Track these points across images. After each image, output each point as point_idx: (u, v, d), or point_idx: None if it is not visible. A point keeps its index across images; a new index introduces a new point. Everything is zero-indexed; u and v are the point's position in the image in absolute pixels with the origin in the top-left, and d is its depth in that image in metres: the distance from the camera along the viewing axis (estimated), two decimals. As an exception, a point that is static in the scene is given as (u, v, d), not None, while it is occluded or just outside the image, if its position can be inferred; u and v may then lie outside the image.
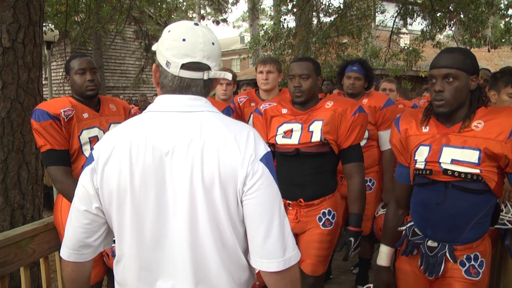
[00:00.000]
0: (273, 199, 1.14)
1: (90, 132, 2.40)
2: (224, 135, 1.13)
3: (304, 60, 2.37)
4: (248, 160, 1.12)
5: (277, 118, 2.42)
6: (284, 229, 1.15)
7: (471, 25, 8.53)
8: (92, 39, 12.42)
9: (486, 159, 1.63)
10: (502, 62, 15.00)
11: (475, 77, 1.69)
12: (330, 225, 2.36)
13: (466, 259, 1.76)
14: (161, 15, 9.70)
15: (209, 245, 1.14)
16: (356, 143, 2.33)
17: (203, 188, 1.11)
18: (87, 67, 2.42)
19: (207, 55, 1.18)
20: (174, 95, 1.19)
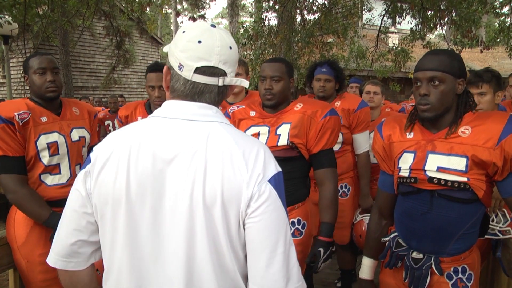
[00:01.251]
0: (280, 225, 1.11)
1: (48, 137, 2.34)
2: (231, 150, 1.11)
3: (277, 61, 2.37)
4: (255, 180, 1.09)
5: (245, 121, 2.44)
6: (290, 258, 1.12)
7: (463, 24, 8.69)
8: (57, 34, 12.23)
9: (474, 166, 1.65)
10: (496, 63, 15.34)
11: (462, 80, 1.72)
12: (300, 235, 2.36)
13: (454, 272, 1.78)
14: (133, 9, 9.61)
15: (206, 267, 1.11)
16: (327, 148, 2.33)
17: (203, 205, 1.08)
18: (48, 66, 2.37)
19: (223, 60, 1.16)
20: (183, 102, 1.17)
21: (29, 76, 2.39)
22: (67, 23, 8.89)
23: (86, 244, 1.22)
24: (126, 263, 1.15)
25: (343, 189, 3.27)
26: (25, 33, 8.03)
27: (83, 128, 2.56)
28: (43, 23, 8.16)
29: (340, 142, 3.19)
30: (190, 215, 1.09)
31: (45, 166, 2.33)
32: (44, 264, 2.22)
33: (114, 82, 14.51)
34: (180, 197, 1.09)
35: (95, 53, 16.44)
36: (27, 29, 8.64)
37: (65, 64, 13.02)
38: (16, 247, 2.30)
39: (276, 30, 9.07)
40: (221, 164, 1.09)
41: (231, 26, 14.80)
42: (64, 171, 2.41)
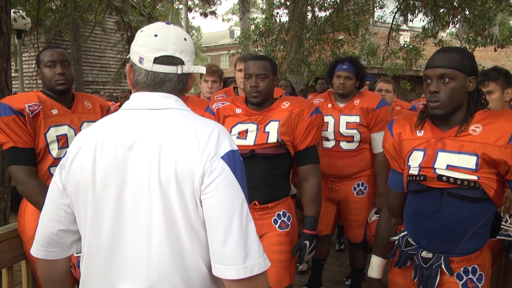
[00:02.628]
0: (233, 200, 1.14)
1: (58, 129, 2.37)
2: (185, 131, 1.17)
3: (261, 59, 2.42)
4: (206, 157, 1.13)
5: (231, 118, 2.46)
6: (248, 234, 1.14)
7: (477, 22, 8.58)
8: (69, 29, 12.31)
9: (484, 165, 1.64)
10: (510, 62, 15.19)
11: (473, 78, 1.71)
12: (287, 227, 2.44)
13: (464, 272, 1.77)
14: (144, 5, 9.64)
15: (163, 247, 1.15)
16: (312, 145, 2.42)
17: (159, 186, 1.14)
18: (58, 59, 2.39)
19: (179, 49, 1.26)
20: (146, 93, 1.26)
21: (40, 70, 2.42)
22: (79, 18, 8.94)
23: (66, 233, 1.31)
24: (93, 247, 1.23)
25: (360, 187, 3.26)
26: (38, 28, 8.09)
27: (94, 121, 2.57)
28: (55, 18, 8.21)
29: (357, 141, 3.19)
30: (148, 198, 1.15)
31: (54, 158, 2.34)
32: None
33: (124, 77, 14.60)
34: (139, 181, 1.16)
35: (106, 48, 16.54)
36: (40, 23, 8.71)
37: (76, 59, 13.13)
38: (26, 239, 2.32)
39: (287, 27, 9.03)
40: (175, 145, 1.14)
41: (242, 23, 14.81)
42: None
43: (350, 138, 3.18)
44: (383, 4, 10.09)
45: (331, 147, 3.25)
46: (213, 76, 3.70)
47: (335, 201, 3.35)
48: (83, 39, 13.56)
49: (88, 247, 1.24)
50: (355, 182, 3.25)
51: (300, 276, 3.96)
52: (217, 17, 32.55)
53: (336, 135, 3.20)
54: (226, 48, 26.13)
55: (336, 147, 3.22)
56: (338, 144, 3.21)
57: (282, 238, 2.40)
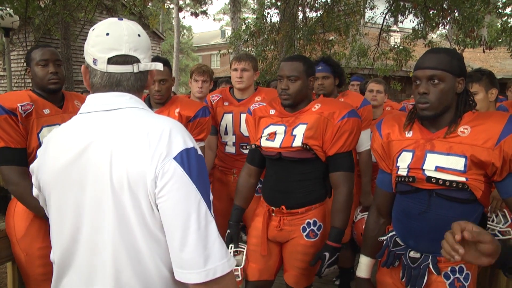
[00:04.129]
0: (188, 202, 1.09)
1: (51, 129, 2.32)
2: (136, 132, 1.13)
3: (294, 60, 2.33)
4: (157, 158, 1.09)
5: (265, 119, 2.42)
6: (207, 235, 1.10)
7: (466, 24, 8.67)
8: (58, 27, 12.21)
9: (473, 166, 1.65)
10: (498, 63, 15.32)
11: (462, 79, 1.71)
12: (315, 237, 2.33)
13: (451, 271, 1.78)
14: (135, 4, 9.59)
15: (120, 254, 1.13)
16: (344, 151, 2.27)
17: (112, 192, 1.11)
18: (50, 58, 2.37)
19: (133, 47, 1.21)
20: (98, 94, 1.23)
21: (31, 68, 2.39)
22: (69, 17, 8.87)
23: None
24: (57, 248, 1.24)
25: None
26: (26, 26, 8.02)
27: None
28: (44, 16, 8.14)
29: None
30: (102, 203, 1.13)
31: None
32: (43, 258, 2.24)
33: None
34: (93, 187, 1.14)
35: (96, 47, 16.41)
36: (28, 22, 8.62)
37: (66, 58, 12.99)
38: (15, 240, 2.30)
39: (278, 27, 9.05)
40: (125, 149, 1.11)
41: (233, 22, 14.78)
42: None
43: None
44: (374, 5, 10.16)
45: None
46: (203, 75, 3.68)
47: None
48: (73, 38, 13.45)
49: (54, 247, 1.26)
50: None
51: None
52: (208, 17, 32.50)
53: None
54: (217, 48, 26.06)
55: None
56: None
57: (307, 248, 2.32)
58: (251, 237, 2.47)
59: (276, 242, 2.42)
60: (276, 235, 2.38)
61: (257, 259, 2.42)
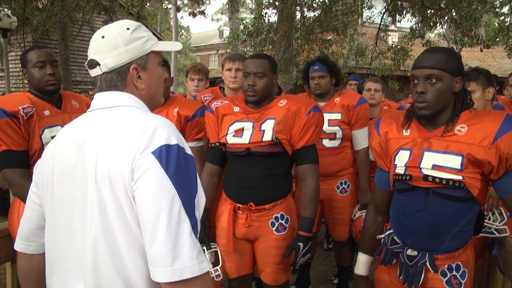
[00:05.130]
0: (160, 197, 1.07)
1: (52, 130, 2.35)
2: (124, 129, 1.15)
3: (260, 57, 2.42)
4: (136, 151, 1.09)
5: (229, 117, 2.45)
6: (178, 234, 1.06)
7: (463, 23, 8.70)
8: (56, 28, 12.20)
9: (469, 165, 1.66)
10: (496, 62, 15.34)
11: (459, 78, 1.73)
12: (284, 230, 2.40)
13: (448, 269, 1.80)
14: (133, 4, 9.59)
15: (103, 249, 1.13)
16: (310, 144, 2.38)
17: (95, 186, 1.13)
18: (47, 59, 2.37)
19: (94, 50, 1.27)
20: (98, 93, 1.29)
21: (27, 70, 2.39)
22: (67, 17, 8.86)
23: (40, 229, 1.34)
24: (50, 244, 1.27)
25: (343, 185, 3.29)
26: (24, 27, 8.00)
27: None
28: (42, 17, 8.13)
29: (339, 138, 3.22)
30: (89, 197, 1.15)
31: None
32: None
33: (113, 77, 14.45)
34: (83, 181, 1.16)
35: (94, 47, 16.38)
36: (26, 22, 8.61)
37: (64, 58, 12.97)
38: None
39: (276, 27, 9.03)
40: (110, 144, 1.13)
41: (231, 22, 14.79)
42: None
43: (332, 135, 3.21)
44: (371, 5, 10.15)
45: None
46: (198, 74, 3.68)
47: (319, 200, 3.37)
48: (71, 39, 13.44)
49: (47, 242, 1.28)
50: (338, 180, 3.28)
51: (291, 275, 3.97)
52: (206, 17, 32.54)
53: None
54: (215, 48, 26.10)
55: (319, 145, 3.22)
56: (321, 142, 3.22)
57: (279, 242, 2.38)
58: (219, 237, 2.50)
59: (247, 240, 2.45)
60: (245, 232, 2.41)
61: (231, 258, 2.47)
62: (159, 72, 1.36)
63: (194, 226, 1.10)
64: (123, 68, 1.27)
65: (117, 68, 1.26)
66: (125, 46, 1.26)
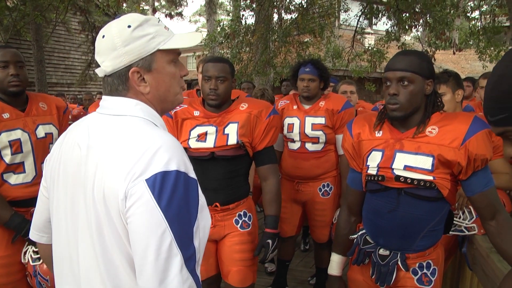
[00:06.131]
0: (149, 231, 0.99)
1: (10, 134, 2.24)
2: (124, 145, 1.07)
3: (221, 61, 2.41)
4: (130, 177, 1.01)
5: (189, 121, 2.44)
6: (166, 269, 0.99)
7: (437, 26, 8.89)
8: (30, 28, 11.96)
9: (440, 165, 1.70)
10: (469, 65, 15.71)
11: (430, 81, 1.76)
12: (248, 227, 2.47)
13: (419, 267, 1.83)
14: (109, 5, 9.47)
15: (92, 260, 1.09)
16: (270, 145, 2.45)
17: (92, 200, 1.07)
18: (11, 60, 2.26)
19: (97, 51, 1.20)
20: (107, 96, 1.21)
21: None
22: (40, 17, 8.68)
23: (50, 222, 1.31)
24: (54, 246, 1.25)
25: (325, 188, 3.30)
26: (-6, 27, 7.82)
27: (50, 124, 2.46)
28: (12, 17, 7.94)
29: (322, 142, 3.22)
30: (87, 209, 1.10)
31: (7, 164, 2.23)
32: (5, 267, 2.18)
33: (89, 79, 14.30)
34: (83, 190, 1.11)
35: (70, 49, 16.12)
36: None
37: (38, 60, 12.72)
38: None
39: (253, 29, 9.07)
40: (109, 161, 1.06)
41: (209, 24, 14.74)
42: (29, 169, 2.31)
43: (315, 139, 3.21)
44: (348, 8, 10.28)
45: (297, 148, 3.27)
46: None
47: (301, 202, 3.38)
48: (45, 39, 13.20)
49: (56, 249, 1.24)
50: (320, 183, 3.29)
51: (268, 277, 3.98)
52: (184, 19, 32.35)
53: (301, 137, 3.22)
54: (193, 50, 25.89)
55: (301, 149, 3.25)
56: (304, 146, 3.23)
57: (244, 237, 2.43)
58: None
59: (211, 241, 2.46)
60: (210, 233, 2.40)
61: None
62: (170, 71, 1.22)
63: (190, 257, 1.03)
64: (123, 72, 1.16)
65: (117, 72, 1.17)
66: (124, 48, 1.14)
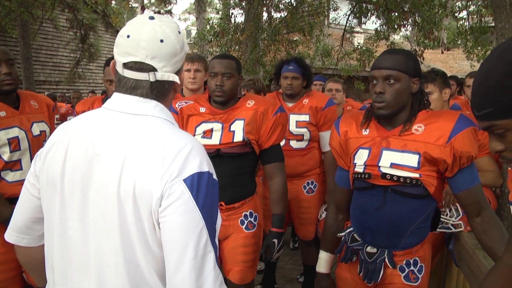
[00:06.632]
0: (189, 229, 1.04)
1: (8, 132, 2.27)
2: (153, 145, 1.08)
3: (227, 58, 2.41)
4: (167, 177, 1.05)
5: (195, 117, 2.43)
6: (203, 265, 1.05)
7: (425, 26, 8.96)
8: (16, 25, 11.82)
9: (426, 163, 1.71)
10: (457, 64, 15.83)
11: (416, 79, 1.77)
12: (253, 227, 2.43)
13: (406, 264, 1.85)
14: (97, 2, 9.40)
15: (119, 265, 1.09)
16: (277, 143, 2.42)
17: (117, 200, 1.07)
18: (2, 58, 2.28)
19: (151, 55, 1.14)
20: (124, 95, 1.18)
21: None
22: (26, 14, 8.57)
23: (38, 221, 1.26)
24: (57, 249, 1.17)
25: (310, 185, 3.31)
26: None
27: (43, 122, 2.49)
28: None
29: (307, 140, 3.24)
30: (106, 208, 1.08)
31: (6, 162, 2.25)
32: (3, 264, 2.16)
33: (78, 77, 14.18)
34: (100, 189, 1.09)
35: (58, 46, 15.95)
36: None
37: (25, 57, 12.54)
38: None
39: (242, 27, 9.06)
40: (139, 160, 1.07)
41: (198, 22, 14.73)
42: (26, 166, 2.33)
43: (300, 136, 3.23)
44: (337, 7, 10.32)
45: (281, 146, 3.27)
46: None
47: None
48: (32, 36, 13.04)
49: (54, 246, 1.18)
50: (305, 181, 3.30)
51: (257, 276, 3.98)
52: (173, 17, 32.20)
53: (286, 134, 3.23)
54: (182, 47, 25.77)
55: (286, 146, 3.24)
56: (288, 143, 3.24)
57: (248, 240, 2.40)
58: None
59: None
60: None
61: None
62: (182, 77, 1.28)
63: (216, 254, 1.09)
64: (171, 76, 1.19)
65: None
66: (181, 53, 1.19)
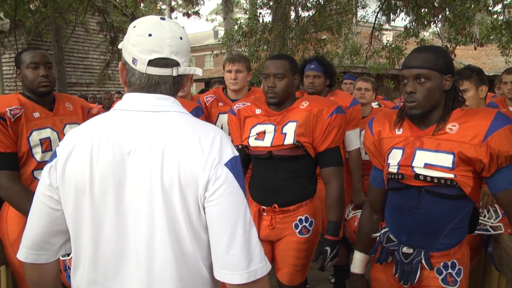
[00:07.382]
0: (237, 207, 1.14)
1: (41, 133, 2.33)
2: (187, 137, 1.14)
3: (280, 58, 2.36)
4: (211, 164, 1.12)
5: (251, 119, 2.43)
6: (250, 239, 1.15)
7: (457, 21, 8.74)
8: (50, 30, 12.16)
9: (461, 163, 1.67)
10: (490, 60, 15.38)
11: (449, 76, 1.73)
12: (308, 233, 2.37)
13: (443, 266, 1.81)
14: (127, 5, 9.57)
15: (166, 253, 1.14)
16: (334, 146, 2.32)
17: (162, 192, 1.12)
18: (41, 61, 2.36)
19: (175, 50, 1.20)
20: (141, 94, 1.21)
21: (21, 71, 2.37)
22: (60, 19, 8.82)
23: (55, 235, 1.26)
24: (91, 253, 1.19)
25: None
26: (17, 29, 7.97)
27: (76, 123, 2.54)
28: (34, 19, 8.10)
29: None
30: (150, 202, 1.13)
31: (38, 162, 2.31)
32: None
33: (108, 79, 14.47)
34: (139, 187, 1.13)
35: (89, 49, 16.36)
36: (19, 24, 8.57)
37: (58, 60, 12.95)
38: (8, 244, 2.30)
39: (270, 27, 9.06)
40: (178, 151, 1.13)
41: (225, 23, 14.79)
42: None
43: None
44: (366, 4, 10.19)
45: None
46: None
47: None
48: (64, 40, 13.39)
49: (86, 252, 1.20)
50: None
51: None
52: (201, 18, 32.52)
53: None
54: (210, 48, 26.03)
55: None
56: None
57: (300, 245, 2.36)
58: None
59: (267, 241, 2.43)
60: (268, 234, 2.40)
61: None
62: None
63: None
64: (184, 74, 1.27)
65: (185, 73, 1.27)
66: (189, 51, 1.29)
